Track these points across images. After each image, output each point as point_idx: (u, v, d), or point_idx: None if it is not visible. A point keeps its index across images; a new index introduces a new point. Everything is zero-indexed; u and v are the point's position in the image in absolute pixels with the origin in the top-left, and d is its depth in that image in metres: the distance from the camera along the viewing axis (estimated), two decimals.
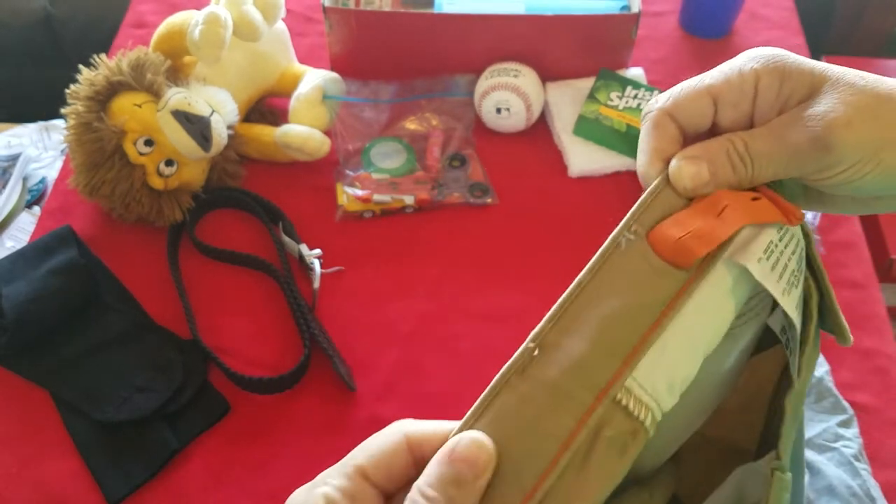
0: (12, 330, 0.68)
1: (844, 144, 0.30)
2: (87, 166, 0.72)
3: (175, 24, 0.75)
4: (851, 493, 0.61)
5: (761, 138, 0.31)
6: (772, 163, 0.31)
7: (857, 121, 0.30)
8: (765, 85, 0.32)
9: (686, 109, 0.33)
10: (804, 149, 0.30)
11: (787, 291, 0.29)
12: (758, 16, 0.99)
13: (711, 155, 0.31)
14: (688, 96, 0.32)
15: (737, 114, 0.32)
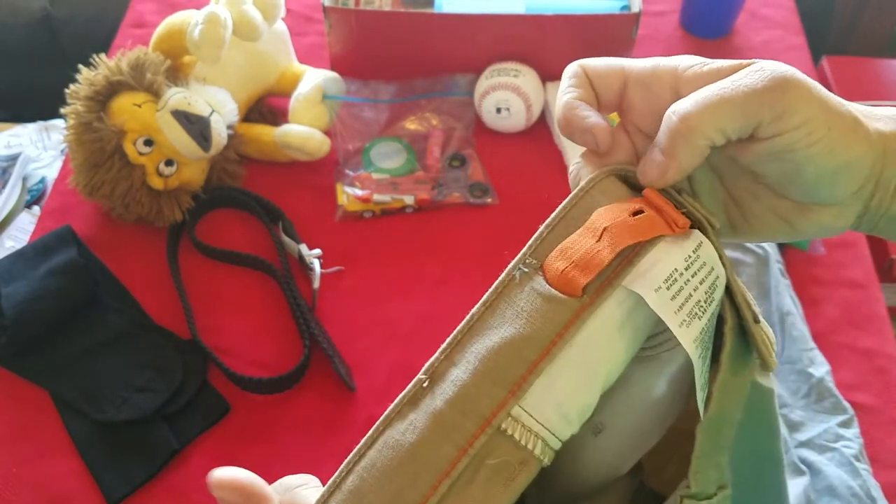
0: (12, 330, 0.68)
1: (800, 88, 0.29)
2: (86, 166, 0.72)
3: (175, 24, 0.75)
4: (852, 493, 0.61)
5: (706, 91, 0.30)
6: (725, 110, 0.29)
7: (806, 79, 0.30)
8: (683, 70, 0.31)
9: (600, 74, 0.33)
10: (759, 89, 0.29)
11: (688, 323, 0.28)
12: (758, 15, 0.99)
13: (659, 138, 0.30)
14: (604, 64, 0.33)
15: (648, 101, 0.32)
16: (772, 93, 0.29)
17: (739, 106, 0.29)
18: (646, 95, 0.32)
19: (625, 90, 0.33)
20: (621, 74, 0.33)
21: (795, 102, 0.29)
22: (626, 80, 0.33)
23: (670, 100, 0.31)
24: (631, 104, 0.33)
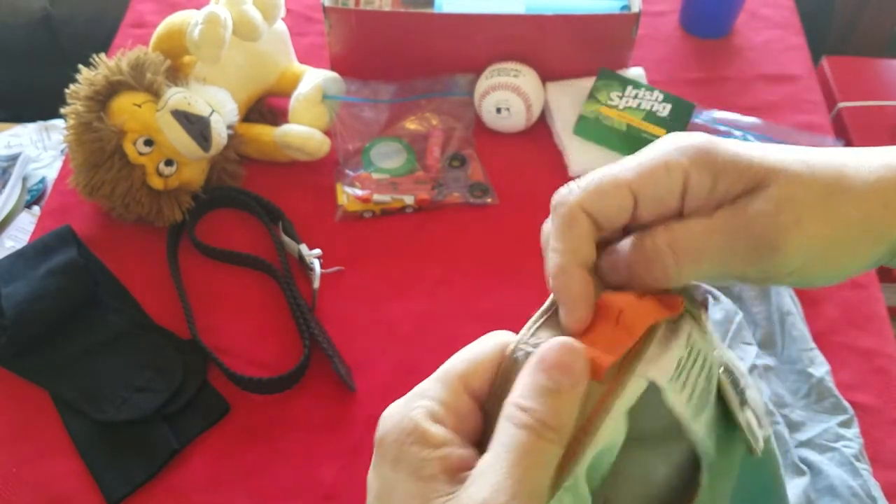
0: (12, 330, 0.68)
1: (792, 246, 0.28)
2: (86, 166, 0.72)
3: (175, 24, 0.75)
4: (852, 493, 0.61)
5: (693, 231, 0.28)
6: (701, 260, 0.28)
7: (807, 220, 0.28)
8: (695, 182, 0.28)
9: (602, 204, 0.29)
10: (747, 250, 0.28)
11: (697, 416, 0.28)
12: (758, 15, 0.99)
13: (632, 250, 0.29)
14: (605, 190, 0.29)
15: (661, 209, 0.29)
16: (762, 255, 0.28)
17: (720, 265, 0.28)
18: (658, 208, 0.30)
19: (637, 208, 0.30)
20: (630, 196, 0.29)
21: (788, 258, 0.28)
22: (637, 199, 0.30)
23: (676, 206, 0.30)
24: (640, 214, 0.30)
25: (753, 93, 0.91)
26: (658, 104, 0.83)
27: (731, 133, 0.82)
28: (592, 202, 0.29)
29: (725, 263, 0.28)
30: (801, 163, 0.29)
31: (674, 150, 0.29)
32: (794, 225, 0.28)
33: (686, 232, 0.28)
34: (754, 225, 0.28)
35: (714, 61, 0.95)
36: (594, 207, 0.29)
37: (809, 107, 0.90)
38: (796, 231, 0.28)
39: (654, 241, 0.29)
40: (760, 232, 0.28)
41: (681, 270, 0.28)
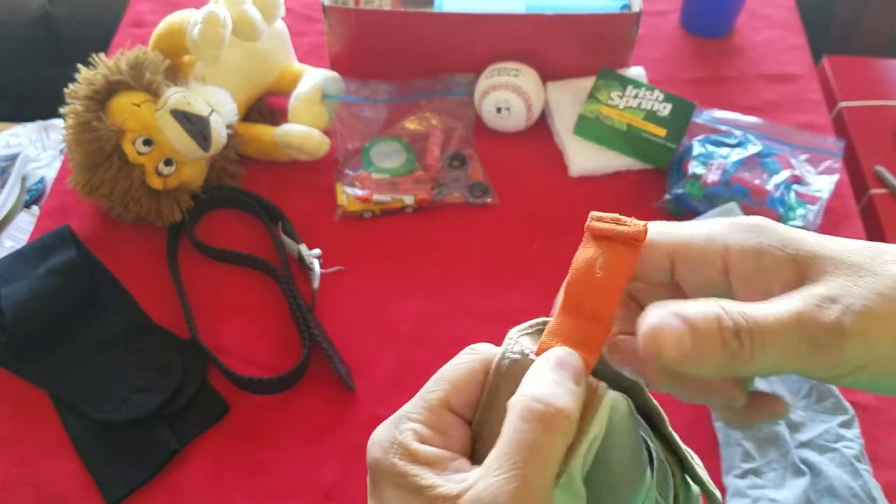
0: (11, 330, 0.68)
1: (862, 334, 0.25)
2: (85, 166, 0.72)
3: (174, 24, 0.75)
4: (853, 493, 0.60)
5: (763, 311, 0.25)
6: (777, 346, 0.25)
7: (879, 309, 0.25)
8: (735, 259, 0.27)
9: (642, 262, 0.29)
10: (816, 334, 0.25)
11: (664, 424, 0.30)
12: (758, 15, 0.99)
13: (698, 319, 0.25)
14: (647, 250, 0.29)
15: (699, 280, 0.28)
16: (830, 341, 0.25)
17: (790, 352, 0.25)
18: (696, 277, 0.29)
19: (674, 268, 0.29)
20: (668, 259, 0.29)
21: (854, 349, 0.25)
22: (674, 262, 0.29)
23: (720, 281, 0.28)
24: (679, 279, 0.30)
25: (754, 92, 0.91)
26: (658, 104, 0.83)
27: (732, 133, 0.82)
28: None
29: (794, 347, 0.25)
30: (863, 257, 0.26)
31: (722, 225, 0.28)
32: (866, 313, 0.25)
33: (759, 311, 0.25)
34: (823, 304, 0.25)
35: (714, 61, 0.95)
36: None
37: (810, 106, 0.90)
38: (867, 319, 0.25)
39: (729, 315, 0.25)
40: (824, 319, 0.25)
41: (755, 359, 0.25)
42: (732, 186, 0.76)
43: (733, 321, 0.25)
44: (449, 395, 0.29)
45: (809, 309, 0.25)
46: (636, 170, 0.84)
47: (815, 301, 0.25)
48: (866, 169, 1.14)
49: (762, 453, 0.63)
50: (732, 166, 0.77)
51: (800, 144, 0.82)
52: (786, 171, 0.78)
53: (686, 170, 0.78)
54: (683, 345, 0.25)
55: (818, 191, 0.77)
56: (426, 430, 0.28)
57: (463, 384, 0.29)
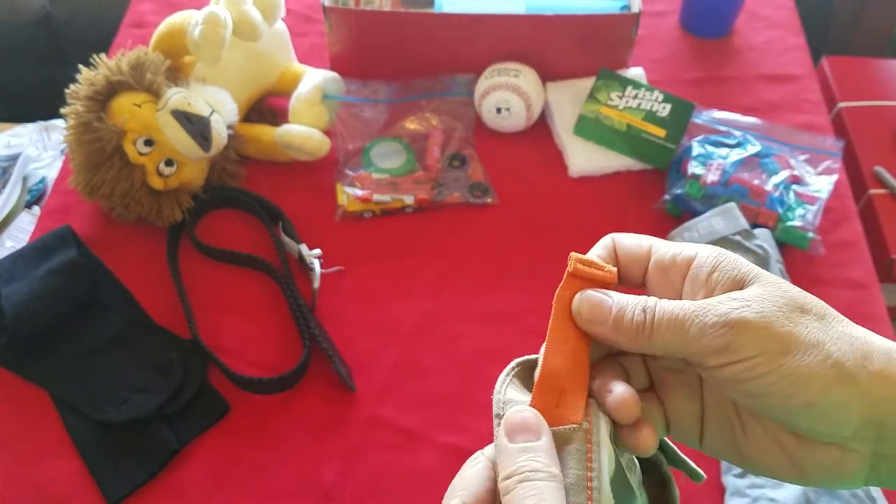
0: (12, 330, 0.68)
1: (749, 331, 0.29)
2: (86, 166, 0.72)
3: (175, 24, 0.75)
4: (852, 493, 0.61)
5: (673, 304, 0.31)
6: (671, 329, 0.31)
7: (772, 317, 0.29)
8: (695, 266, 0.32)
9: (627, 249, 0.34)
10: (708, 323, 0.30)
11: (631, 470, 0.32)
12: (758, 16, 0.99)
13: (621, 302, 0.32)
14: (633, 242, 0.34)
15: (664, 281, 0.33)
16: (719, 330, 0.29)
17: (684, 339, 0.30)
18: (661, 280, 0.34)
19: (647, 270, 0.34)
20: (647, 255, 0.34)
21: (742, 342, 0.29)
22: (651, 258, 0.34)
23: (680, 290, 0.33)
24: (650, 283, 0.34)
25: (753, 93, 0.91)
26: (658, 104, 0.83)
27: (731, 133, 0.82)
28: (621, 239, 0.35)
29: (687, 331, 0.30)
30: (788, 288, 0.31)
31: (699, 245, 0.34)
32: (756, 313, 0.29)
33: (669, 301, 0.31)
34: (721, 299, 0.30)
35: (714, 61, 0.95)
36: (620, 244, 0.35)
37: (809, 107, 0.90)
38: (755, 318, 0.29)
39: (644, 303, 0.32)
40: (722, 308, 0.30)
41: (652, 335, 0.31)
42: (731, 187, 0.76)
43: (645, 304, 0.31)
44: (467, 501, 0.31)
45: (711, 304, 0.30)
46: (636, 170, 0.84)
47: (719, 300, 0.30)
48: (865, 169, 1.15)
49: None
50: (732, 167, 0.77)
51: (799, 145, 0.82)
52: (785, 172, 0.78)
53: (685, 170, 0.78)
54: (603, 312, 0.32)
55: (817, 191, 0.78)
56: None
57: (478, 489, 0.31)
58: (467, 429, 0.66)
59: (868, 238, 0.80)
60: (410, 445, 0.65)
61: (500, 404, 0.33)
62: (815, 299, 0.31)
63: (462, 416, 0.67)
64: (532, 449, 0.30)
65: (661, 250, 0.34)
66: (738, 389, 0.30)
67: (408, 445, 0.65)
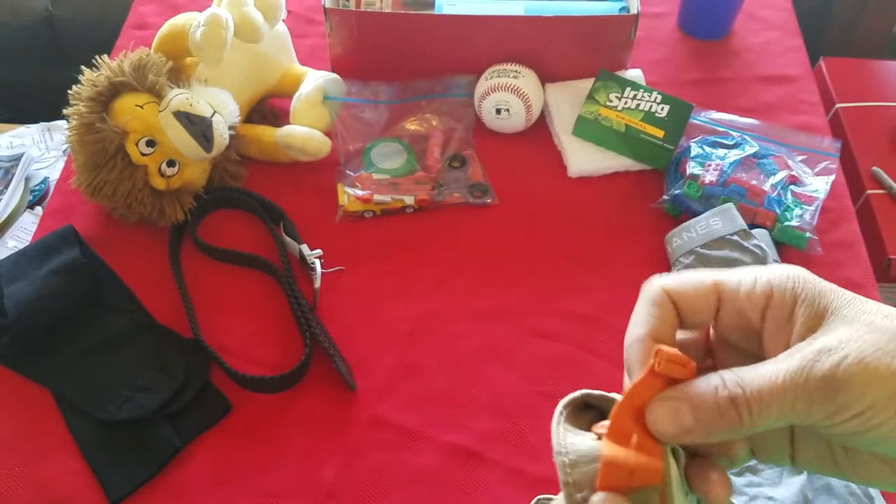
0: (14, 329, 0.68)
1: (855, 384, 0.26)
2: (89, 167, 0.73)
3: (177, 26, 0.75)
4: (850, 491, 0.61)
5: (762, 375, 0.27)
6: (773, 410, 0.27)
7: (872, 359, 0.26)
8: (777, 299, 0.29)
9: (685, 293, 0.30)
10: (810, 389, 0.27)
11: None
12: (756, 17, 1.00)
13: (696, 398, 0.28)
14: (689, 282, 0.30)
15: (740, 322, 0.30)
16: (824, 393, 0.27)
17: (787, 412, 0.27)
18: (737, 323, 0.30)
19: (719, 310, 0.31)
20: (714, 296, 0.30)
21: (851, 397, 0.27)
22: (721, 300, 0.30)
23: (760, 329, 0.30)
24: (721, 328, 0.31)
25: (751, 94, 0.92)
26: (656, 105, 0.84)
27: (729, 134, 0.82)
28: (677, 288, 0.30)
29: (789, 405, 0.27)
30: (876, 309, 0.28)
31: (768, 269, 0.30)
32: (857, 362, 0.27)
33: (755, 374, 0.28)
34: (816, 358, 0.27)
35: (712, 62, 0.95)
36: (678, 295, 0.30)
37: (807, 108, 0.90)
38: (859, 368, 0.27)
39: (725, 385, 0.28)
40: (821, 368, 0.27)
41: (755, 422, 0.27)
42: (729, 187, 0.76)
43: (729, 392, 0.27)
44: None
45: (806, 365, 0.27)
46: (634, 171, 0.84)
47: (812, 356, 0.27)
48: (863, 169, 1.15)
49: None
50: (730, 167, 0.78)
51: (797, 145, 0.82)
52: (783, 172, 0.78)
53: (684, 170, 0.79)
54: (684, 421, 0.28)
55: (815, 191, 0.78)
56: None
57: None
58: (467, 428, 0.67)
59: (865, 238, 0.81)
60: (411, 444, 0.66)
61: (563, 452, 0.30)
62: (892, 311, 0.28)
63: (462, 415, 0.67)
64: None
65: (730, 287, 0.29)
66: (851, 441, 0.28)
67: (408, 444, 0.66)
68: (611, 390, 0.34)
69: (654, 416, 0.28)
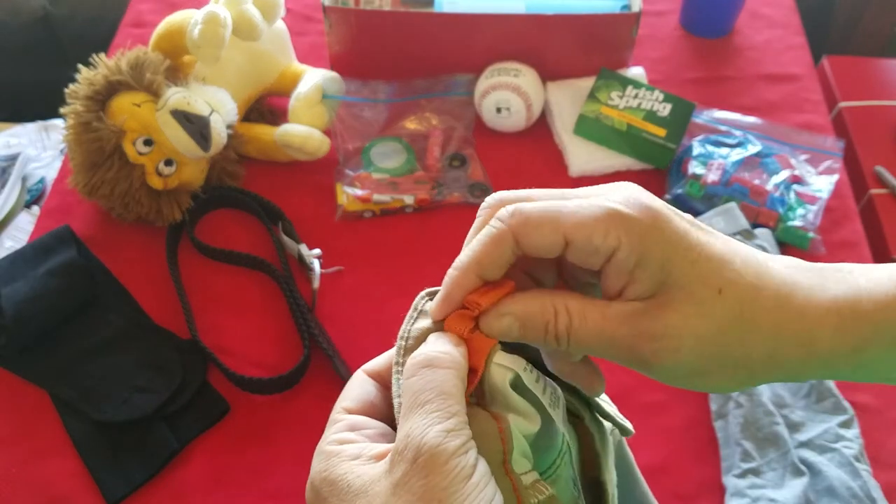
0: (11, 330, 0.68)
1: (662, 369, 0.29)
2: (86, 166, 0.72)
3: (174, 24, 0.75)
4: (852, 493, 0.60)
5: (586, 327, 0.29)
6: (586, 351, 0.30)
7: (688, 349, 0.29)
8: (622, 257, 0.29)
9: (533, 239, 0.29)
10: (624, 356, 0.29)
11: (554, 406, 0.32)
12: (758, 15, 0.99)
13: (528, 318, 0.30)
14: (541, 229, 0.29)
15: (587, 263, 0.30)
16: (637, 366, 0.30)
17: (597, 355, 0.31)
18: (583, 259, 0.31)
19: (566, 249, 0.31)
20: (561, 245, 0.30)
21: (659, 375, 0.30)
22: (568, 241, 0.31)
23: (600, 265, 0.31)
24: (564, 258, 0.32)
25: (754, 92, 0.91)
26: (658, 104, 0.83)
27: (732, 133, 0.82)
28: (525, 234, 0.29)
29: (606, 357, 0.30)
30: (716, 288, 0.29)
31: (621, 215, 0.29)
32: (673, 353, 0.29)
33: (582, 326, 0.29)
34: (638, 343, 0.29)
35: (714, 61, 0.95)
36: (525, 240, 0.29)
37: (810, 106, 0.90)
38: (672, 359, 0.29)
39: (555, 325, 0.30)
40: (641, 351, 0.29)
41: (570, 348, 0.30)
42: (732, 186, 0.76)
43: (556, 333, 0.30)
44: (348, 404, 0.33)
45: (632, 344, 0.29)
46: (636, 170, 0.84)
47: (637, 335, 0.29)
48: (866, 169, 1.14)
49: (762, 453, 0.63)
50: (732, 166, 0.77)
51: (799, 144, 0.82)
52: (785, 171, 0.78)
53: (686, 170, 0.78)
54: (512, 332, 0.30)
55: (818, 191, 0.77)
56: (345, 434, 0.32)
57: (353, 391, 0.34)
58: None
59: (868, 238, 0.80)
60: None
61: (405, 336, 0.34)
62: None
63: None
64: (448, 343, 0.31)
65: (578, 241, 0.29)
66: None
67: None
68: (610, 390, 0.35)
69: (488, 324, 0.30)
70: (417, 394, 0.29)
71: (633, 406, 0.66)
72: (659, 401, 0.67)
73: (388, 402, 0.33)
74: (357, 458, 0.29)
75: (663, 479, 0.64)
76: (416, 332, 0.33)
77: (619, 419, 0.35)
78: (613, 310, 0.29)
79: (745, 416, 0.65)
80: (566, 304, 0.30)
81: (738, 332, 0.29)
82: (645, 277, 0.29)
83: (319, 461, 0.31)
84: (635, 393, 0.67)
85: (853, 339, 0.29)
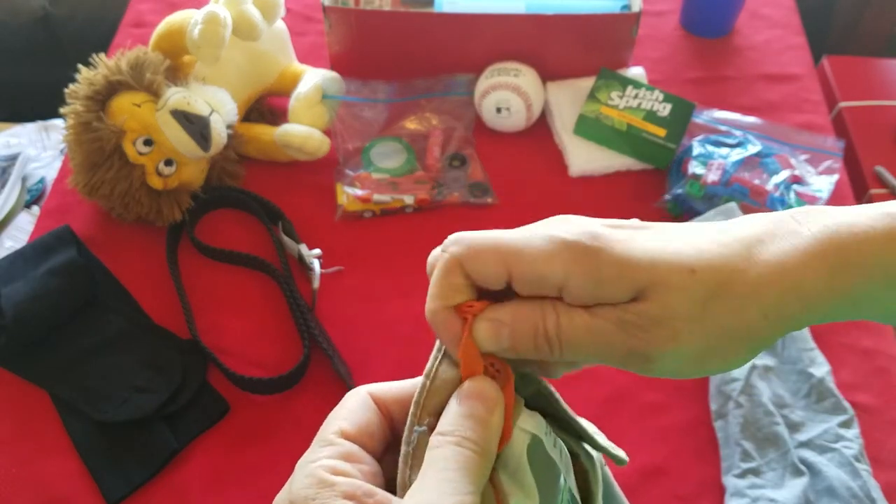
0: (11, 330, 0.68)
1: (666, 358, 0.29)
2: (86, 166, 0.72)
3: (174, 24, 0.75)
4: (852, 494, 0.60)
5: (577, 328, 0.29)
6: (581, 353, 0.29)
7: (683, 333, 0.28)
8: (575, 285, 0.29)
9: (477, 268, 0.30)
10: (624, 355, 0.29)
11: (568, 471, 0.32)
12: (758, 15, 0.99)
13: (517, 325, 0.29)
14: (483, 258, 0.30)
15: (538, 292, 0.30)
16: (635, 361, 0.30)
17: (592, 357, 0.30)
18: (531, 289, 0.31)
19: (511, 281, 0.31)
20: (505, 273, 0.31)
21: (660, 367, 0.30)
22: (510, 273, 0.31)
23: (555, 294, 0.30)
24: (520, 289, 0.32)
25: (754, 92, 0.91)
26: (658, 104, 0.83)
27: (732, 132, 0.82)
28: (468, 262, 0.30)
29: (603, 358, 0.30)
30: (688, 270, 0.29)
31: (560, 247, 0.29)
32: (669, 340, 0.29)
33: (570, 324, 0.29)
34: (630, 338, 0.29)
35: (714, 61, 0.95)
36: (470, 266, 0.30)
37: (810, 106, 0.90)
38: (671, 345, 0.29)
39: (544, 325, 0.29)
40: (635, 344, 0.29)
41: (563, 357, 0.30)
42: (732, 186, 0.76)
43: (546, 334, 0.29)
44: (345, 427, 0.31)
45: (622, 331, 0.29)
46: (636, 170, 0.84)
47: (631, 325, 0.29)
48: (866, 169, 1.14)
49: (762, 453, 0.63)
50: (732, 166, 0.77)
51: (800, 144, 0.82)
52: (785, 171, 0.78)
53: (686, 170, 0.78)
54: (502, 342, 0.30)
55: (818, 191, 0.77)
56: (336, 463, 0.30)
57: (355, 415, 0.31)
58: None
59: None
60: None
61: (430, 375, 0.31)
62: None
63: None
64: (475, 420, 0.29)
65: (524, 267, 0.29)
66: None
67: None
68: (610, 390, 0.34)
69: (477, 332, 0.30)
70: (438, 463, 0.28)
71: (633, 406, 0.66)
72: (659, 401, 0.67)
73: (384, 434, 0.31)
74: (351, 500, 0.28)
75: (663, 480, 0.64)
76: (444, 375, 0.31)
77: (612, 450, 0.35)
78: (599, 307, 0.29)
79: (745, 416, 0.65)
80: (553, 304, 0.29)
81: (726, 302, 0.29)
82: (613, 290, 0.29)
83: (307, 482, 0.30)
84: (635, 393, 0.67)
85: (841, 278, 0.29)
